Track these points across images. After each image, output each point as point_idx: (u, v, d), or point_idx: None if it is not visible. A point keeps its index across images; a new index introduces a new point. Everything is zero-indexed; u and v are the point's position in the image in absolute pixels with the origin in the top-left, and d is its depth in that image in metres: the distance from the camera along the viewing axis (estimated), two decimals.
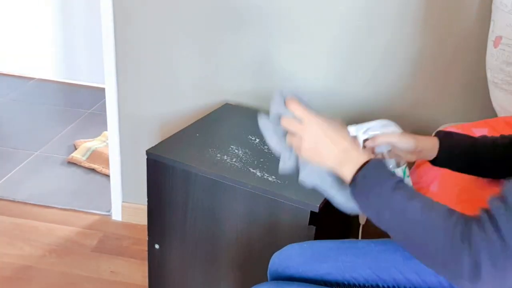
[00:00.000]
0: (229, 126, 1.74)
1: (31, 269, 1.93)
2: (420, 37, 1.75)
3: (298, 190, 1.36)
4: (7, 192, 2.35)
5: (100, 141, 2.82)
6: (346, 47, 1.81)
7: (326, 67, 1.84)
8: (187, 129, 1.67)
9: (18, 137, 2.85)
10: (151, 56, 1.94)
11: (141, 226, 2.18)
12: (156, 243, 1.61)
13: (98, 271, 1.94)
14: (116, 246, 2.08)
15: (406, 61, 1.79)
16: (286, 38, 1.83)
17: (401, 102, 1.85)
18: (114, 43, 1.94)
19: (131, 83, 1.99)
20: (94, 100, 3.36)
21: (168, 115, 2.01)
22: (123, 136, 2.09)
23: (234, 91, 1.92)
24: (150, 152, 1.51)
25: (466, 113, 1.81)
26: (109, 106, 2.04)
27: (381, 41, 1.78)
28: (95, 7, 3.29)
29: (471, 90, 1.79)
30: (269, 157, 1.54)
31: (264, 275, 1.45)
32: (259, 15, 1.81)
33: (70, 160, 2.64)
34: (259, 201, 1.38)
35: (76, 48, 3.55)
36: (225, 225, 1.46)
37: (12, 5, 3.50)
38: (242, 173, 1.43)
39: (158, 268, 1.64)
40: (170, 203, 1.53)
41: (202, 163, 1.46)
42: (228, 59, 1.89)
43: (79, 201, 2.33)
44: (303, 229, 1.33)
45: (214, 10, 1.83)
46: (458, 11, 1.70)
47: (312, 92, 1.88)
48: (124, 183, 2.18)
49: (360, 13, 1.75)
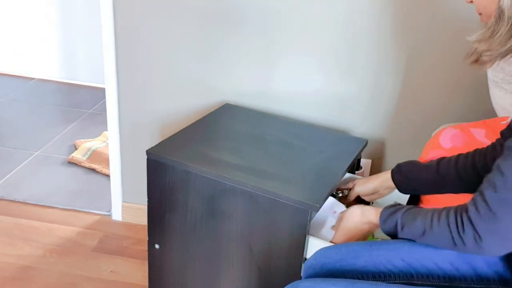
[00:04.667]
0: (229, 126, 1.74)
1: (31, 269, 1.93)
2: (420, 36, 1.76)
3: (298, 190, 1.36)
4: (7, 192, 2.36)
5: (100, 141, 2.82)
6: (346, 47, 1.81)
7: (327, 67, 1.84)
8: (187, 129, 1.67)
9: (18, 137, 2.86)
10: (151, 56, 1.94)
11: (141, 226, 2.18)
12: (156, 243, 1.61)
13: (98, 271, 1.94)
14: (116, 246, 2.08)
15: (405, 61, 1.79)
16: (286, 38, 1.83)
17: (400, 103, 1.85)
18: (114, 43, 1.94)
19: (131, 83, 1.99)
20: (94, 100, 3.36)
21: (168, 115, 2.01)
22: (123, 136, 2.09)
23: (234, 91, 1.93)
24: (150, 152, 1.51)
25: (466, 113, 1.81)
26: (109, 106, 2.04)
27: (380, 41, 1.78)
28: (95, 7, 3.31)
29: (470, 89, 1.79)
30: (269, 157, 1.54)
31: (264, 275, 1.45)
32: (259, 15, 1.81)
33: (70, 160, 2.64)
34: (259, 201, 1.38)
35: (76, 48, 3.56)
36: (225, 225, 1.46)
37: (12, 5, 3.51)
38: (242, 173, 1.43)
39: (158, 268, 1.64)
40: (170, 203, 1.53)
41: (202, 163, 1.46)
42: (228, 59, 1.89)
43: (79, 201, 2.33)
44: (303, 229, 1.33)
45: (214, 11, 1.83)
46: (459, 11, 1.70)
47: (312, 92, 1.89)
48: (124, 183, 2.18)
49: (360, 13, 1.76)
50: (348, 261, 1.11)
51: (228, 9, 1.82)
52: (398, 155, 1.91)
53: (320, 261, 1.14)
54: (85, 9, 3.43)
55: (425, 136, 1.82)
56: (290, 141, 1.65)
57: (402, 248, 1.10)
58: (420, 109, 1.84)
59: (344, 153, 1.60)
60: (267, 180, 1.40)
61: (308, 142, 1.65)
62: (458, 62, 1.77)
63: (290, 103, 1.90)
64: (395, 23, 1.75)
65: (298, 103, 1.90)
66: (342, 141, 1.68)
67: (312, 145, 1.64)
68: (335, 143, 1.66)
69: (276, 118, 1.83)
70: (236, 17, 1.83)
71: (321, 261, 1.14)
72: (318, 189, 1.38)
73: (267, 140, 1.65)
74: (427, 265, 1.07)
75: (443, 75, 1.79)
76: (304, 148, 1.61)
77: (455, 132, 1.54)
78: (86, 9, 3.43)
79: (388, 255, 1.10)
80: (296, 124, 1.79)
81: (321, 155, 1.58)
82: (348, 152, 1.61)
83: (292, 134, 1.70)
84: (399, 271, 1.09)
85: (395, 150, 1.92)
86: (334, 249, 1.15)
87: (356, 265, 1.10)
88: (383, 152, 1.93)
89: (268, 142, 1.64)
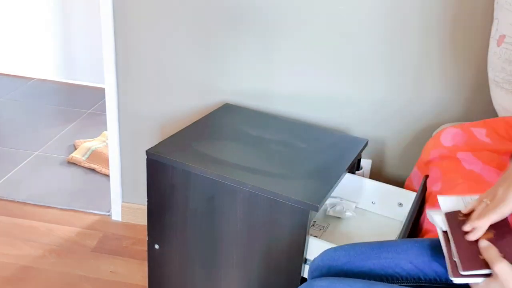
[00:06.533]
0: (229, 126, 1.74)
1: (31, 269, 1.93)
2: (420, 36, 1.75)
3: (298, 190, 1.36)
4: (7, 192, 2.35)
5: (100, 141, 2.82)
6: (346, 47, 1.81)
7: (326, 67, 1.84)
8: (187, 129, 1.67)
9: (18, 137, 2.85)
10: (151, 56, 1.94)
11: (141, 226, 2.18)
12: (156, 243, 1.61)
13: (98, 271, 1.94)
14: (116, 246, 2.08)
15: (406, 61, 1.79)
16: (286, 38, 1.83)
17: (400, 103, 1.85)
18: (114, 43, 1.94)
19: (131, 83, 1.99)
20: (94, 100, 3.36)
21: (168, 115, 2.01)
22: (123, 136, 2.09)
23: (234, 91, 1.93)
24: (150, 152, 1.51)
25: (466, 113, 1.81)
26: (109, 106, 2.04)
27: (381, 41, 1.78)
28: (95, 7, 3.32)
29: (471, 89, 1.79)
30: (269, 157, 1.54)
31: (264, 275, 1.45)
32: (259, 15, 1.81)
33: (70, 160, 2.64)
34: (259, 201, 1.38)
35: (76, 48, 3.56)
36: (225, 225, 1.46)
37: (12, 5, 3.50)
38: (242, 173, 1.43)
39: (158, 268, 1.64)
40: (170, 203, 1.53)
41: (202, 163, 1.46)
42: (228, 59, 1.89)
43: (79, 201, 2.33)
44: (303, 229, 1.33)
45: (214, 10, 1.83)
46: (460, 10, 1.70)
47: (313, 92, 1.88)
48: (124, 183, 2.18)
49: (361, 13, 1.75)
50: (356, 263, 1.09)
51: (228, 9, 1.82)
52: (398, 155, 1.91)
53: (327, 263, 1.12)
54: (85, 9, 3.43)
55: (425, 136, 1.82)
56: (290, 141, 1.65)
57: (410, 250, 1.09)
58: (420, 109, 1.84)
59: (344, 153, 1.60)
60: (267, 180, 1.40)
61: (308, 142, 1.65)
62: (458, 62, 1.77)
63: (290, 103, 1.90)
64: (395, 23, 1.75)
65: (298, 103, 1.90)
66: (342, 141, 1.68)
67: (312, 145, 1.63)
68: (335, 143, 1.66)
69: (276, 118, 1.83)
70: (236, 17, 1.83)
71: (328, 263, 1.12)
72: (318, 189, 1.38)
73: (267, 140, 1.64)
74: (436, 268, 1.06)
75: (444, 75, 1.79)
76: (304, 148, 1.61)
77: (456, 131, 1.54)
78: (86, 9, 3.42)
79: (396, 258, 1.08)
80: (296, 124, 1.79)
81: (321, 155, 1.58)
82: (348, 152, 1.61)
83: (292, 134, 1.70)
84: (407, 274, 1.07)
85: (395, 150, 1.92)
86: (342, 251, 1.13)
87: (364, 267, 1.09)
88: (383, 152, 1.93)
89: (268, 142, 1.64)
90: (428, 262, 1.06)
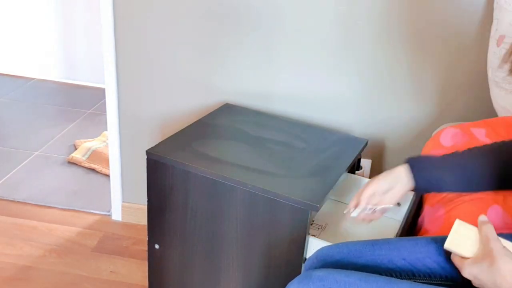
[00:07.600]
0: (229, 126, 1.74)
1: (31, 269, 1.93)
2: (420, 36, 1.75)
3: (298, 190, 1.36)
4: (7, 192, 2.36)
5: (100, 141, 2.82)
6: (346, 47, 1.81)
7: (327, 67, 1.84)
8: (187, 129, 1.67)
9: (18, 137, 2.85)
10: (151, 56, 1.94)
11: (141, 226, 2.18)
12: (156, 243, 1.61)
13: (98, 271, 1.94)
14: (116, 246, 2.08)
15: (406, 61, 1.79)
16: (286, 38, 1.83)
17: (400, 103, 1.85)
18: (114, 43, 1.94)
19: (131, 83, 1.99)
20: (94, 100, 3.36)
21: (168, 115, 2.01)
22: (123, 136, 2.09)
23: (234, 91, 1.93)
24: (150, 152, 1.51)
25: (466, 113, 1.81)
26: (109, 106, 2.04)
27: (381, 41, 1.78)
28: (95, 7, 3.32)
29: (471, 89, 1.79)
30: (269, 157, 1.54)
31: (264, 275, 1.45)
32: (259, 15, 1.81)
33: (70, 160, 2.64)
34: (259, 201, 1.38)
35: (76, 48, 3.56)
36: (225, 225, 1.46)
37: (12, 5, 3.51)
38: (242, 173, 1.43)
39: (158, 268, 1.64)
40: (170, 203, 1.53)
41: (202, 163, 1.46)
42: (228, 59, 1.89)
43: (79, 201, 2.33)
44: (303, 229, 1.33)
45: (214, 10, 1.83)
46: (460, 10, 1.70)
47: (313, 92, 1.89)
48: (124, 183, 2.18)
49: (360, 13, 1.76)
50: (350, 260, 1.11)
51: (228, 9, 1.82)
52: (398, 155, 1.91)
53: (322, 260, 1.14)
54: (85, 9, 3.43)
55: (425, 136, 1.82)
56: (290, 141, 1.65)
57: (403, 247, 1.10)
58: (420, 109, 1.84)
59: (344, 153, 1.60)
60: (267, 180, 1.40)
61: (308, 142, 1.65)
62: (458, 62, 1.77)
63: (290, 103, 1.90)
64: (395, 23, 1.75)
65: (298, 103, 1.90)
66: (342, 141, 1.68)
67: (312, 145, 1.64)
68: (335, 143, 1.66)
69: (276, 118, 1.83)
70: (236, 17, 1.83)
71: (323, 260, 1.14)
72: (318, 189, 1.38)
73: (267, 140, 1.64)
74: (429, 265, 1.07)
75: (443, 75, 1.79)
76: (304, 148, 1.61)
77: (456, 131, 1.54)
78: (86, 9, 3.42)
79: (389, 254, 1.10)
80: (296, 124, 1.79)
81: (321, 155, 1.58)
82: (348, 152, 1.61)
83: (292, 134, 1.70)
84: (400, 270, 1.08)
85: (395, 150, 1.92)
86: (336, 248, 1.14)
87: (357, 264, 1.10)
88: (383, 152, 1.93)
89: (268, 142, 1.64)
90: (421, 259, 1.07)
